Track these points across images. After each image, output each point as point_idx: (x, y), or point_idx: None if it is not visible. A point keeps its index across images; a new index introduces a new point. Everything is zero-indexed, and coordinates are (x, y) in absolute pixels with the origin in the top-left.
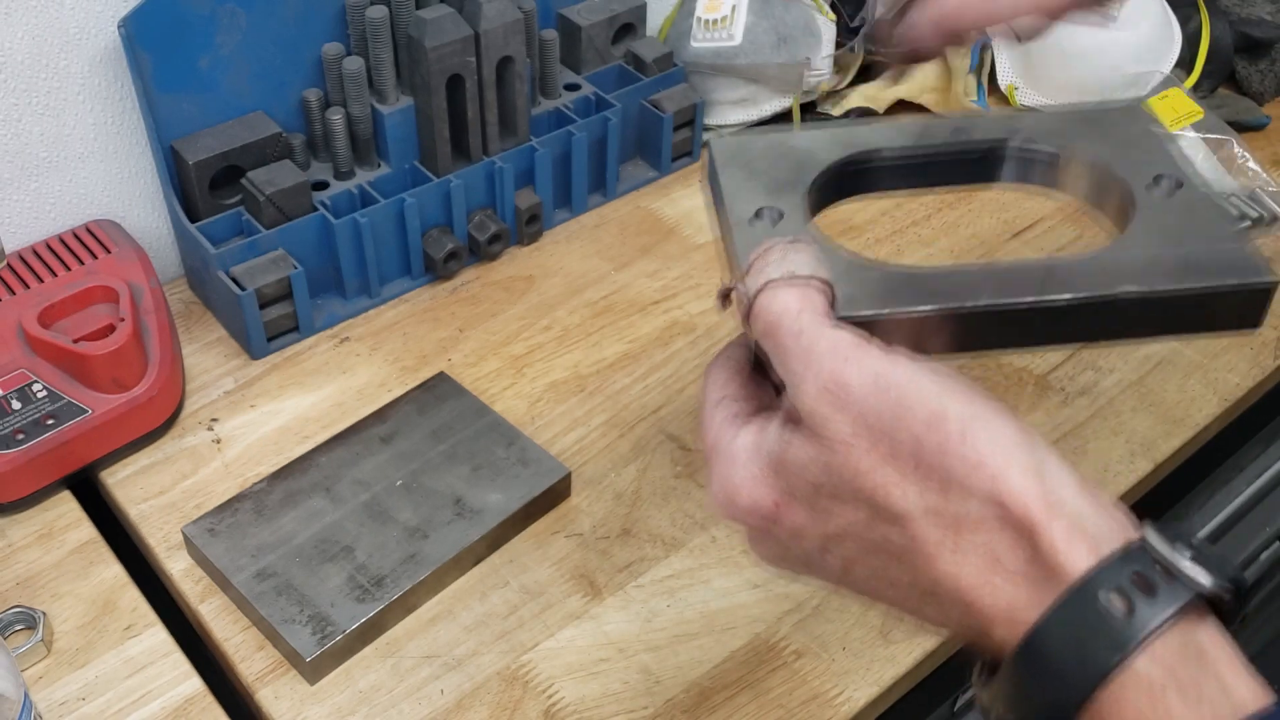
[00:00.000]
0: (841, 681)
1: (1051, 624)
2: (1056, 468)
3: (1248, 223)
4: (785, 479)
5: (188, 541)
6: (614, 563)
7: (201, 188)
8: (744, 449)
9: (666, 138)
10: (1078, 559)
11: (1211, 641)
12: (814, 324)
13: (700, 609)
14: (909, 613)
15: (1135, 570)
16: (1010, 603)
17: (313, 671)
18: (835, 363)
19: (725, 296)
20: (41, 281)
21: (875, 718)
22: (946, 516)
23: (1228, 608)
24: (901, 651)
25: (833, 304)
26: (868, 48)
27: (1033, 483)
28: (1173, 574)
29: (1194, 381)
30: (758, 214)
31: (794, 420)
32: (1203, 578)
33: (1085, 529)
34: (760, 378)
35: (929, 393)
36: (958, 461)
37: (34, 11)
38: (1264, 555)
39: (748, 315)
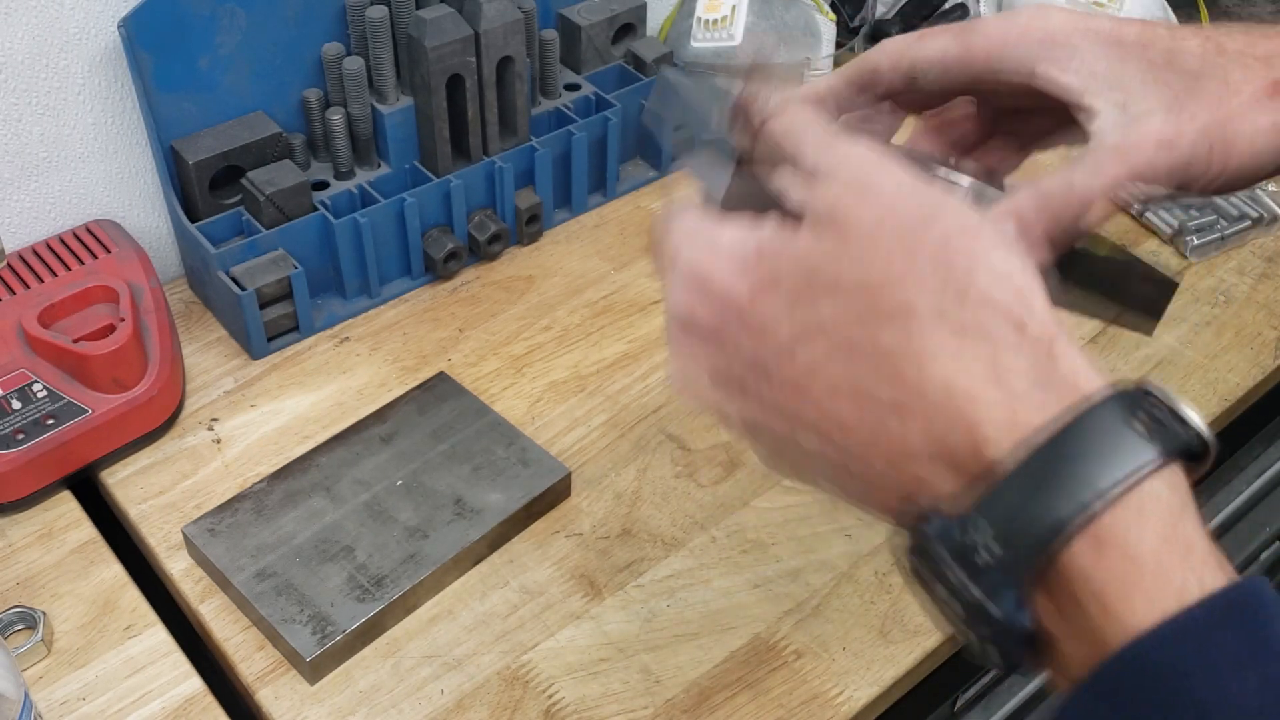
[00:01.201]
0: (842, 681)
1: (1071, 431)
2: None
3: (1248, 222)
4: (773, 264)
5: (188, 541)
6: (614, 563)
7: (201, 188)
8: (730, 238)
9: (666, 138)
10: (1097, 382)
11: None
12: (844, 132)
13: (700, 609)
14: (857, 443)
15: (1148, 407)
16: (1013, 410)
17: (313, 671)
18: (869, 163)
19: (739, 111)
20: (41, 281)
21: (875, 717)
22: (956, 322)
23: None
24: (901, 651)
25: None
26: (868, 47)
27: (1053, 313)
28: (1179, 418)
29: (1194, 381)
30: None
31: (795, 219)
32: (1203, 426)
33: (1098, 365)
34: None
35: (964, 207)
36: (984, 272)
37: (34, 11)
38: (1264, 555)
39: (760, 126)
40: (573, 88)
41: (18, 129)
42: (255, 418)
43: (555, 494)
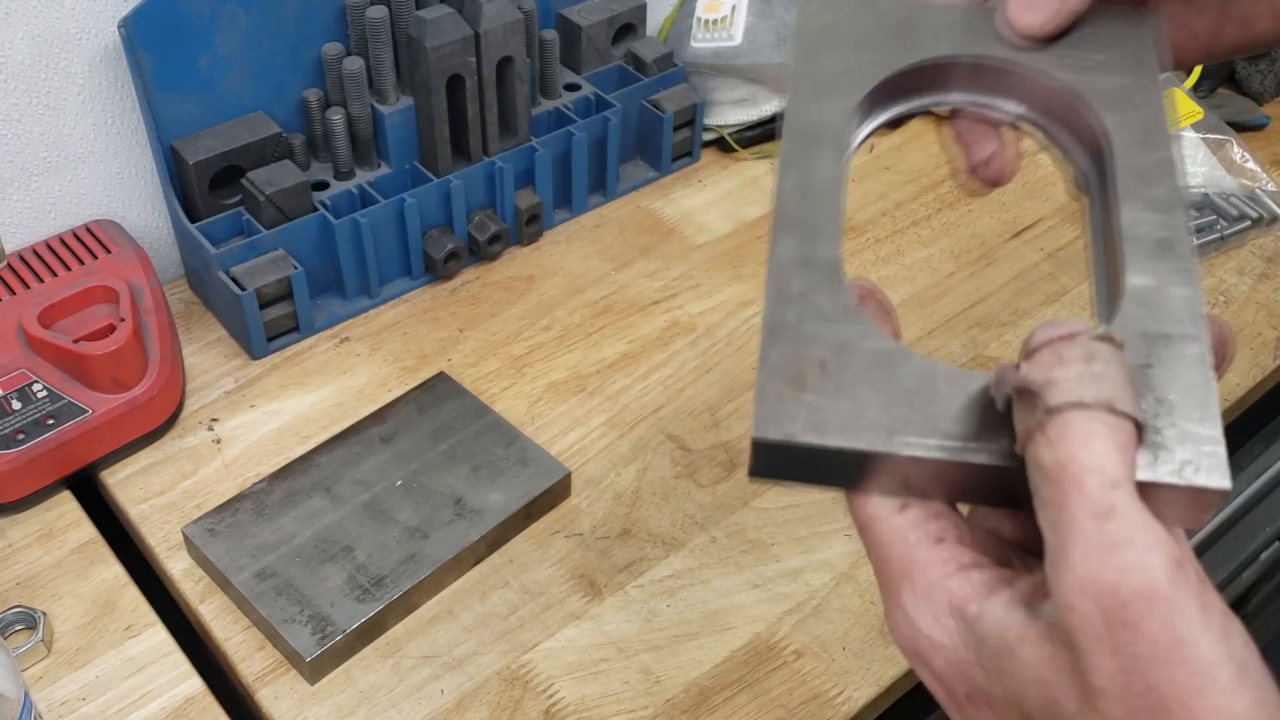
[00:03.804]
0: (841, 681)
1: None
2: None
3: (1248, 222)
4: (992, 679)
5: (188, 541)
6: (614, 563)
7: (201, 188)
8: (951, 605)
9: (666, 138)
10: None
11: None
12: (1129, 510)
13: (700, 609)
14: None
15: None
16: None
17: (313, 671)
18: (1137, 583)
19: (1007, 387)
20: (42, 281)
21: (875, 717)
22: None
23: None
24: None
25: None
26: None
27: None
28: None
29: None
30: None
31: (1025, 596)
32: None
33: None
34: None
35: (1225, 681)
36: None
37: (34, 12)
38: (1264, 555)
39: (1028, 436)
40: (573, 88)
41: (18, 129)
42: (255, 418)
43: (555, 494)
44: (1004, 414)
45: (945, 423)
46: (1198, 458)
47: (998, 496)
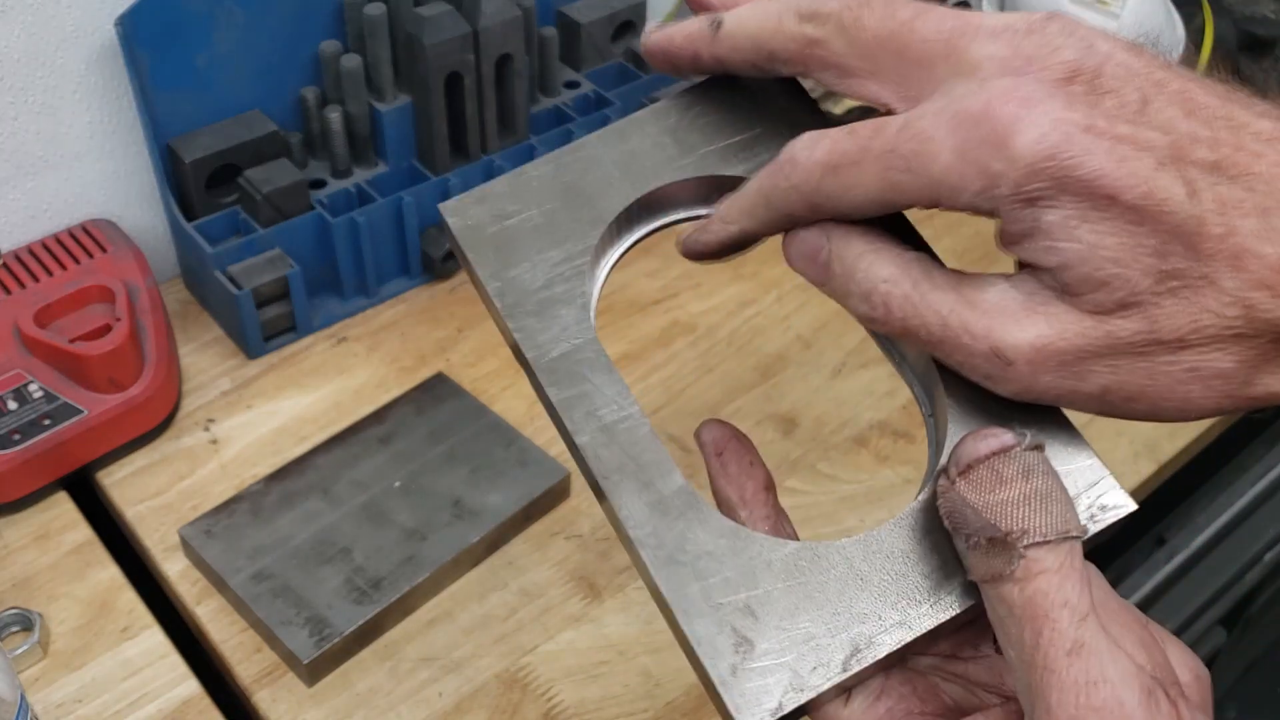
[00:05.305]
0: None
1: None
2: None
3: None
4: None
5: (184, 543)
6: (614, 564)
7: (198, 186)
8: None
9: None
10: None
11: None
12: (1098, 644)
13: None
14: None
15: None
16: None
17: (310, 674)
18: None
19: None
20: (37, 281)
21: None
22: None
23: None
24: None
25: None
26: None
27: None
28: None
29: None
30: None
31: None
32: None
33: None
34: None
35: None
36: None
37: (31, 9)
38: (1268, 556)
39: (997, 578)
40: (572, 85)
41: (14, 127)
42: (252, 418)
43: (554, 495)
44: (937, 552)
45: (892, 602)
46: (1095, 500)
47: (943, 634)
